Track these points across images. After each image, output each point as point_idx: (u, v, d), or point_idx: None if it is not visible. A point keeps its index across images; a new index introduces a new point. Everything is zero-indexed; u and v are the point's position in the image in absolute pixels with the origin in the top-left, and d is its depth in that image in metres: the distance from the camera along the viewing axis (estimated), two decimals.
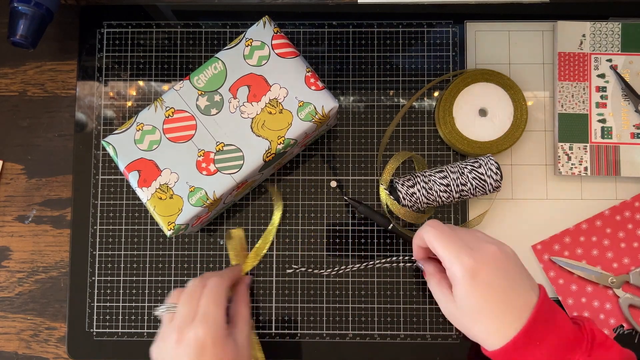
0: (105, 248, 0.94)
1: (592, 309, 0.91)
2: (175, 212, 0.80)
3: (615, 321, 0.91)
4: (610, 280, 0.90)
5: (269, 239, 0.93)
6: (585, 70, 0.93)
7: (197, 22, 0.97)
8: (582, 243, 0.92)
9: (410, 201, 0.88)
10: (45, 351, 0.95)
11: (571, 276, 0.92)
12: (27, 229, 0.96)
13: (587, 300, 0.91)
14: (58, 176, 0.96)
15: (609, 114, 0.92)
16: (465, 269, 0.71)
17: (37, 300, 0.95)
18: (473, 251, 0.72)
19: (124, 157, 0.82)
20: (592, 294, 0.91)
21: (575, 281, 0.92)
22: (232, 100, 0.82)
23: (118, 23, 0.97)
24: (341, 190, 0.94)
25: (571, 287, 0.92)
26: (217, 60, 0.83)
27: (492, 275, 0.71)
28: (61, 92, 0.97)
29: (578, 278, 0.91)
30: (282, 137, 0.81)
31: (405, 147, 0.95)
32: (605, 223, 0.92)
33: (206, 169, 0.81)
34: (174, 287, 0.93)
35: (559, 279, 0.92)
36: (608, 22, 0.93)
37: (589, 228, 0.92)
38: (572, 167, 0.92)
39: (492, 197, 0.93)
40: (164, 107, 0.82)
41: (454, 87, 0.92)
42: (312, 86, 0.82)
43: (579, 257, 0.92)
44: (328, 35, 0.97)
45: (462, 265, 0.71)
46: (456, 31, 0.96)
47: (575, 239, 0.92)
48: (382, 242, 0.94)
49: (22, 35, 0.87)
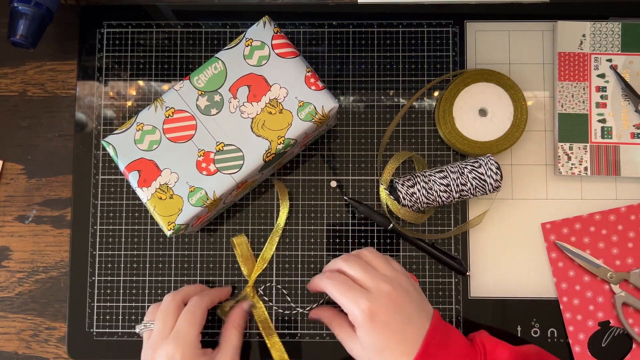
0: (105, 248, 0.94)
1: (584, 299, 0.91)
2: (175, 212, 0.80)
3: (603, 315, 0.91)
4: (609, 274, 0.90)
5: (275, 240, 0.93)
6: (585, 70, 0.93)
7: (197, 22, 0.97)
8: (591, 233, 0.92)
9: (410, 201, 0.88)
10: (45, 351, 0.95)
11: (571, 262, 0.92)
12: (27, 229, 0.96)
13: (581, 288, 0.91)
14: (58, 176, 0.96)
15: (609, 114, 0.92)
16: (364, 312, 0.74)
17: (37, 300, 0.95)
18: (369, 294, 0.76)
19: (124, 157, 0.82)
20: (588, 285, 0.91)
21: (574, 268, 0.92)
22: (232, 100, 0.82)
23: (118, 23, 0.97)
24: (341, 190, 0.94)
25: (569, 272, 0.92)
26: (217, 60, 0.83)
27: (388, 314, 0.75)
28: (61, 92, 0.97)
29: (578, 266, 0.92)
30: (282, 137, 0.81)
31: (405, 147, 0.95)
32: (618, 219, 0.92)
33: (206, 169, 0.81)
34: (174, 287, 0.93)
35: (559, 262, 0.92)
36: (608, 22, 0.93)
37: (602, 220, 0.92)
38: (572, 167, 0.92)
39: (492, 197, 0.93)
40: (164, 107, 0.82)
41: (454, 87, 0.92)
42: (312, 86, 0.82)
43: (585, 245, 0.92)
44: (328, 35, 0.97)
45: (360, 309, 0.75)
46: (456, 31, 0.96)
47: (585, 227, 0.92)
48: (382, 242, 0.94)
49: (22, 35, 0.87)
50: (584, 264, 0.91)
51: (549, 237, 0.93)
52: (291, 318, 0.93)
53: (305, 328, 0.93)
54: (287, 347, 0.92)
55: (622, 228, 0.92)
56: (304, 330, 0.93)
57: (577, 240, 0.92)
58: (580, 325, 0.91)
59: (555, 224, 0.93)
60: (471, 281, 0.93)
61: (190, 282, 0.94)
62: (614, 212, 0.92)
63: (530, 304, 0.92)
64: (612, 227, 0.92)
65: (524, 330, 0.92)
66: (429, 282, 0.93)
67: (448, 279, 0.93)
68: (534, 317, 0.92)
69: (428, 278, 0.93)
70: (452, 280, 0.93)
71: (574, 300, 0.91)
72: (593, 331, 0.91)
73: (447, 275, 0.93)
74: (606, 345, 0.91)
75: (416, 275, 0.93)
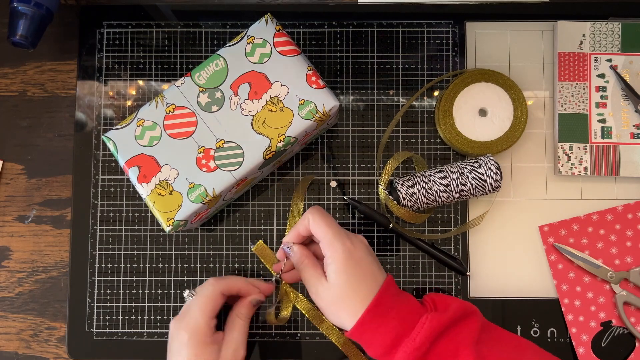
0: (105, 248, 0.94)
1: (585, 300, 0.91)
2: (175, 209, 0.80)
3: (605, 315, 0.91)
4: (609, 274, 0.90)
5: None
6: (585, 70, 0.93)
7: (197, 22, 0.97)
8: (589, 233, 0.92)
9: (410, 201, 0.88)
10: (45, 351, 0.94)
11: (571, 264, 0.92)
12: (27, 229, 0.96)
13: (582, 289, 0.91)
14: (58, 176, 0.96)
15: (609, 114, 0.93)
16: (345, 248, 0.80)
17: (37, 300, 0.95)
18: (349, 236, 0.82)
19: (124, 153, 0.82)
20: (588, 285, 0.91)
21: (574, 269, 0.92)
22: (233, 98, 0.82)
23: (118, 23, 0.97)
24: (341, 190, 0.94)
25: (569, 274, 0.92)
26: (219, 57, 0.83)
27: (362, 255, 0.81)
28: (61, 92, 0.98)
29: (577, 267, 0.92)
30: (283, 135, 0.82)
31: (405, 147, 0.95)
32: (616, 218, 0.92)
33: (206, 165, 0.81)
34: (174, 287, 0.93)
35: (559, 264, 0.92)
36: (608, 22, 0.93)
37: (599, 220, 0.92)
38: (572, 167, 0.92)
39: (492, 197, 0.93)
40: (165, 103, 0.82)
41: (454, 87, 0.92)
42: (313, 84, 0.82)
43: (583, 246, 0.92)
44: (328, 35, 0.97)
45: (343, 245, 0.80)
46: (456, 31, 0.96)
47: (583, 228, 0.92)
48: (382, 242, 0.94)
49: (22, 35, 0.87)
50: (584, 265, 0.91)
51: (547, 240, 0.93)
52: (291, 318, 0.93)
53: (305, 328, 0.93)
54: (287, 347, 0.92)
55: (620, 227, 0.92)
56: (303, 330, 0.93)
57: (575, 241, 0.92)
58: (583, 327, 0.91)
59: (552, 226, 0.93)
60: (471, 281, 0.93)
61: (190, 282, 0.94)
62: (611, 211, 0.92)
63: (530, 304, 0.92)
64: (610, 227, 0.92)
65: (524, 330, 0.92)
66: (429, 282, 0.93)
67: (448, 279, 0.93)
68: (533, 317, 0.92)
69: (428, 278, 0.93)
70: (452, 280, 0.93)
71: (575, 302, 0.91)
72: (596, 332, 0.91)
73: (447, 275, 0.93)
74: (610, 345, 0.91)
75: (416, 275, 0.93)
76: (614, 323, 0.91)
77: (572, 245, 0.92)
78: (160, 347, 0.93)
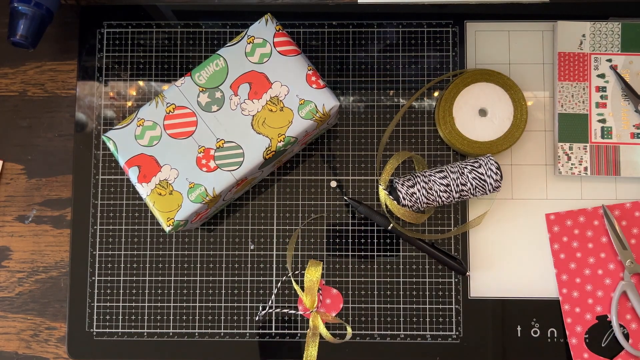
0: (105, 248, 0.94)
1: (584, 292, 0.92)
2: (175, 208, 0.80)
3: (601, 309, 0.91)
4: (629, 261, 0.90)
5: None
6: (585, 70, 0.93)
7: (197, 22, 0.97)
8: (594, 227, 0.92)
9: (410, 201, 0.88)
10: (45, 351, 0.94)
11: (574, 254, 0.92)
12: (27, 229, 0.96)
13: (581, 281, 0.92)
14: (58, 176, 0.96)
15: (609, 114, 0.93)
16: None
17: (37, 300, 0.95)
18: None
19: (124, 153, 0.82)
20: (588, 278, 0.92)
21: (576, 260, 0.92)
22: (233, 97, 0.82)
23: (118, 23, 0.97)
24: (341, 190, 0.94)
25: (570, 265, 0.92)
26: (219, 57, 0.83)
27: None
28: (61, 92, 0.98)
29: (580, 258, 0.92)
30: (283, 135, 0.82)
31: (405, 147, 0.95)
32: (623, 215, 0.92)
33: (206, 165, 0.81)
34: (174, 287, 0.93)
35: (561, 254, 0.92)
36: (608, 22, 0.93)
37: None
38: (572, 167, 0.92)
39: (492, 197, 0.93)
40: (165, 103, 0.82)
41: (454, 87, 0.92)
42: (313, 84, 0.82)
43: (588, 239, 0.92)
44: (328, 35, 0.97)
45: None
46: (456, 31, 0.96)
47: (589, 220, 0.92)
48: (382, 242, 0.94)
49: (22, 35, 0.87)
50: (613, 238, 0.91)
51: (552, 228, 0.92)
52: (291, 318, 0.93)
53: (305, 328, 0.93)
54: (287, 347, 0.92)
55: (626, 224, 0.92)
56: (304, 330, 0.93)
57: (580, 233, 0.92)
58: (578, 318, 0.91)
59: (559, 215, 0.93)
60: (471, 281, 0.93)
61: (190, 282, 0.94)
62: (619, 207, 0.92)
63: (530, 304, 0.92)
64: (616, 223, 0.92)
65: (524, 330, 0.92)
66: (429, 282, 0.93)
67: (448, 279, 0.93)
68: (533, 317, 0.92)
69: (428, 278, 0.93)
70: (452, 280, 0.93)
71: (573, 293, 0.91)
72: (590, 324, 0.91)
73: (447, 275, 0.93)
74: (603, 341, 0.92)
75: (416, 275, 0.93)
76: (609, 318, 0.91)
77: (577, 236, 0.92)
78: (160, 347, 0.93)
